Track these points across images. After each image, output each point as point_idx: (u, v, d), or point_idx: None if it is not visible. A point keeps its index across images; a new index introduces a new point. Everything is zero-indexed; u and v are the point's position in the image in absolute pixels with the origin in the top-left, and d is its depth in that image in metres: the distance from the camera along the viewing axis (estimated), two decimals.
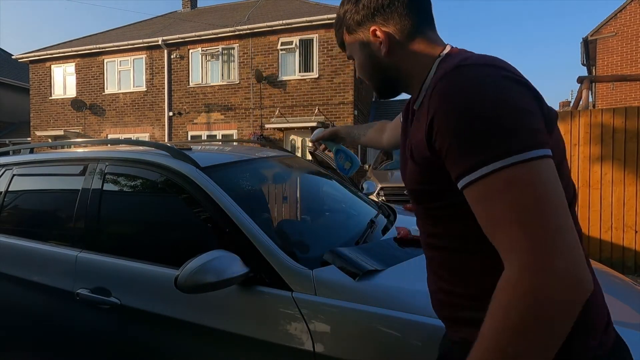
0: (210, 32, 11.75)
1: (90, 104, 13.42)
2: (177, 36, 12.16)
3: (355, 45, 0.82)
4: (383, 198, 5.93)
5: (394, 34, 0.77)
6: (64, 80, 13.93)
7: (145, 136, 12.82)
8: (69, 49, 13.45)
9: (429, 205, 0.74)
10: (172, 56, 12.43)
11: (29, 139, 15.05)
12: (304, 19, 10.85)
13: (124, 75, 13.15)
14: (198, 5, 16.76)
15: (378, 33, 0.77)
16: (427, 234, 0.79)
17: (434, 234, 0.76)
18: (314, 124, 10.82)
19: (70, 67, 13.78)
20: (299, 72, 11.23)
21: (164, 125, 12.55)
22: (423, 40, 0.77)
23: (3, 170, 2.15)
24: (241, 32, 11.49)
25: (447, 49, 0.76)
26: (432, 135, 0.64)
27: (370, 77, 0.84)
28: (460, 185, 0.61)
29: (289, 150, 6.35)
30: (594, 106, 11.66)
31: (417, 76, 0.77)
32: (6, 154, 2.44)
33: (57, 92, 14.04)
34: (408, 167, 0.76)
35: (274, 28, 11.18)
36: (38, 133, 14.14)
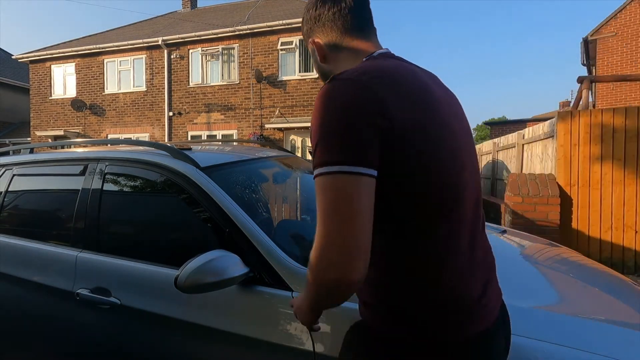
0: (210, 32, 11.75)
1: (90, 104, 13.43)
2: (177, 36, 12.16)
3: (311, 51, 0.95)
4: None
5: (325, 44, 0.90)
6: (64, 80, 13.93)
7: (145, 136, 12.82)
8: (69, 49, 13.46)
9: None
10: (172, 56, 12.44)
11: (29, 139, 15.05)
12: None
13: (124, 75, 13.16)
14: (198, 5, 16.77)
15: (316, 40, 0.91)
16: None
17: None
18: None
19: (70, 67, 13.78)
20: (299, 72, 11.24)
21: (164, 125, 12.55)
22: (350, 49, 0.88)
23: (3, 170, 2.15)
24: (241, 32, 11.50)
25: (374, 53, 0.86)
26: None
27: (321, 78, 0.96)
28: None
29: (289, 150, 6.34)
30: (594, 106, 11.66)
31: None
32: (6, 154, 2.44)
33: (57, 92, 14.04)
34: None
35: (274, 28, 11.18)
36: (38, 133, 14.14)
